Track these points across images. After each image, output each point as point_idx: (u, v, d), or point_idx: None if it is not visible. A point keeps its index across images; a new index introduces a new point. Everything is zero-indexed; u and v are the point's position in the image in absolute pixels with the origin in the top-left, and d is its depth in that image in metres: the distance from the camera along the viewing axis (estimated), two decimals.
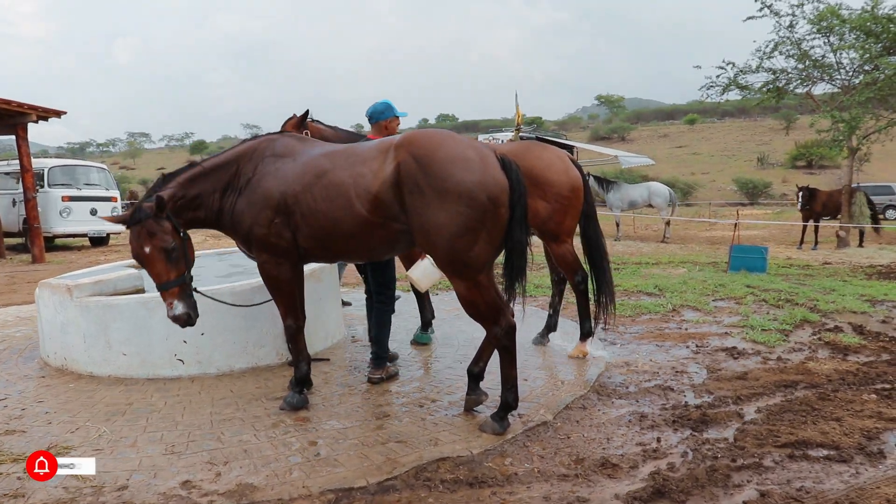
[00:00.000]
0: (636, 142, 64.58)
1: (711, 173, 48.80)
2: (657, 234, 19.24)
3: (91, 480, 3.75)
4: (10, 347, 6.65)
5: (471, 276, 4.05)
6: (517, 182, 4.07)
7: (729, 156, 53.57)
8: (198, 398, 5.00)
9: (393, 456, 3.95)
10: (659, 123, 75.89)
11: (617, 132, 68.37)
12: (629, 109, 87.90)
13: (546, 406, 4.72)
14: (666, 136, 65.65)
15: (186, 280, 4.33)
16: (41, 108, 13.32)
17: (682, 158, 54.76)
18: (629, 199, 18.18)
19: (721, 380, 5.43)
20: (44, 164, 16.30)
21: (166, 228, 4.23)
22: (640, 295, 9.19)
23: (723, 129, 64.11)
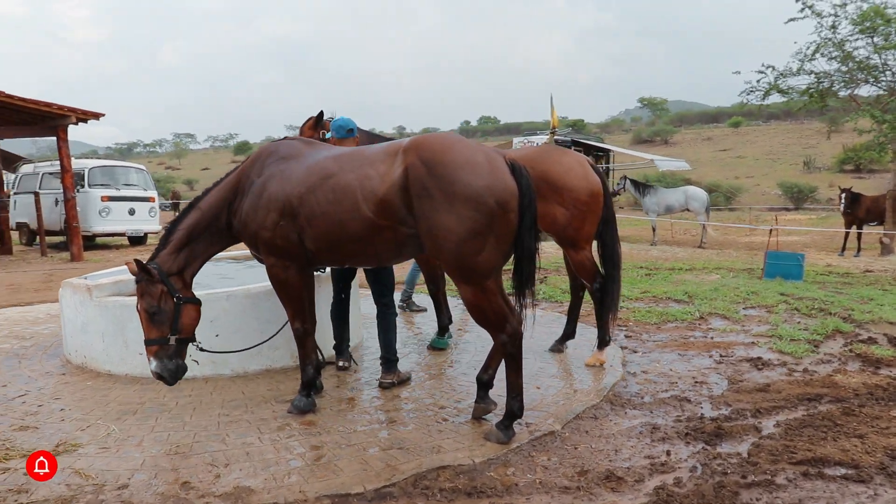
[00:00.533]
0: (679, 145, 63.57)
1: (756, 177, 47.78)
2: (695, 239, 18.89)
3: (94, 478, 3.78)
4: (37, 344, 6.78)
5: (478, 281, 3.99)
6: (527, 187, 4.01)
7: (774, 159, 52.38)
8: (208, 399, 5.03)
9: (393, 463, 3.91)
10: (703, 126, 74.57)
11: (660, 135, 67.38)
12: (672, 112, 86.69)
13: (555, 415, 4.63)
14: (710, 139, 64.48)
15: (166, 342, 4.38)
16: (80, 110, 13.63)
17: (725, 162, 53.72)
18: (666, 204, 17.87)
19: (741, 392, 5.28)
20: (84, 165, 16.67)
21: (155, 291, 4.38)
22: (669, 302, 9.01)
23: (768, 133, 62.74)
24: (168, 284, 4.40)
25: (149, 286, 4.38)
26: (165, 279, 4.41)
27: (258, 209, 4.45)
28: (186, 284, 4.55)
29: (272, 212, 4.40)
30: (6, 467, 3.96)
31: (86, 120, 13.88)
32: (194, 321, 4.53)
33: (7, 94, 12.71)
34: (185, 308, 4.46)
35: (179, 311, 4.42)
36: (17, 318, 8.08)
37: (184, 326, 4.45)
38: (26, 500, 3.59)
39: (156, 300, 4.37)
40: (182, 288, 4.49)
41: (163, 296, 4.39)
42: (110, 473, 3.84)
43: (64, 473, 3.85)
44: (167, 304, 4.40)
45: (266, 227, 4.43)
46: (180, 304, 4.43)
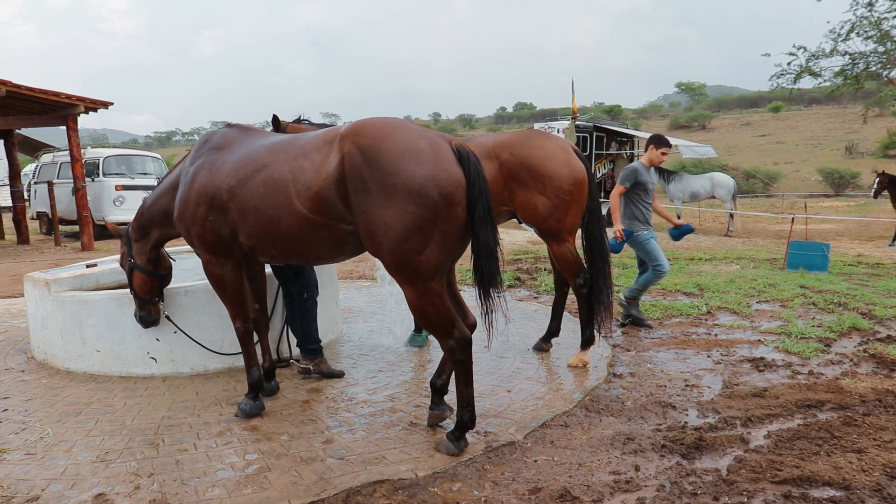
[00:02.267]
0: (717, 130, 62.07)
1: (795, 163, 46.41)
2: (723, 227, 18.22)
3: (5, 489, 3.53)
4: (8, 339, 6.60)
5: (421, 282, 3.60)
6: (476, 176, 3.60)
7: (815, 145, 50.79)
8: (159, 400, 4.76)
9: (328, 475, 3.59)
10: (742, 111, 72.69)
11: (697, 120, 65.91)
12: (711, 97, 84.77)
13: (519, 423, 4.25)
14: (748, 124, 62.78)
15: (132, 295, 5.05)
16: (89, 99, 13.53)
17: (764, 147, 52.27)
18: (691, 191, 17.20)
19: (734, 397, 4.84)
20: (99, 154, 16.62)
21: (123, 251, 5.02)
22: (678, 294, 8.53)
23: (809, 117, 60.86)
24: (128, 248, 4.88)
25: (122, 245, 4.99)
26: (128, 243, 4.88)
27: (188, 202, 4.17)
28: (146, 254, 4.85)
29: (201, 205, 4.11)
30: None
31: (95, 109, 13.78)
32: (142, 286, 4.93)
33: (16, 84, 12.64)
34: (135, 273, 4.90)
35: (131, 273, 4.92)
36: (1, 310, 7.94)
37: (135, 287, 4.95)
38: None
39: (121, 258, 5.05)
40: (141, 255, 4.85)
41: (124, 257, 4.98)
42: (25, 483, 3.59)
43: None
44: (125, 264, 4.97)
45: (196, 222, 4.15)
46: (132, 269, 4.89)
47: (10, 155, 16.58)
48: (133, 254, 4.83)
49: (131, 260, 4.84)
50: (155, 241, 4.79)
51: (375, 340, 6.23)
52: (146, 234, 4.79)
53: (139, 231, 4.81)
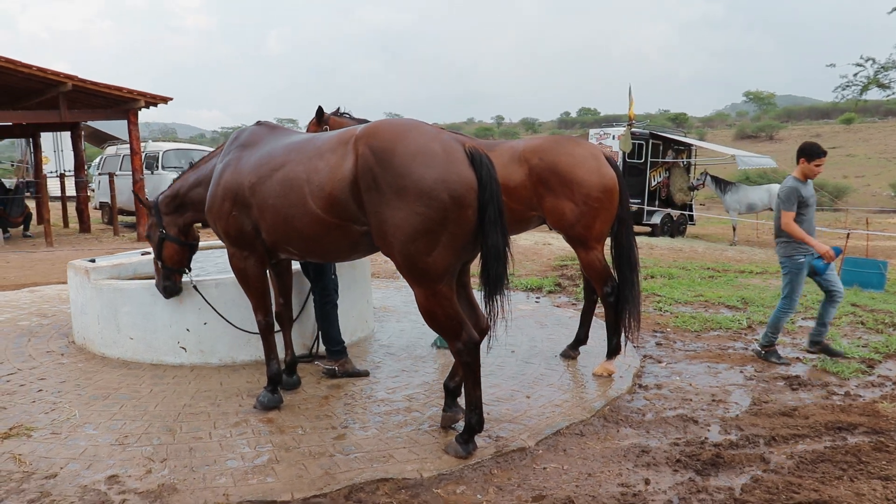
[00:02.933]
0: (785, 141, 60.26)
1: (867, 177, 44.80)
2: None
3: (27, 465, 3.68)
4: (54, 323, 6.85)
5: (429, 284, 3.60)
6: (488, 178, 3.58)
7: (888, 158, 48.85)
8: (183, 388, 4.88)
9: (333, 470, 3.62)
10: (811, 122, 70.44)
11: (765, 131, 64.12)
12: (780, 107, 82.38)
13: (532, 430, 4.21)
14: (818, 135, 60.64)
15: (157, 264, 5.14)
16: (149, 94, 14.00)
17: (834, 160, 50.47)
18: (747, 202, 16.75)
19: (761, 415, 4.69)
20: (160, 148, 17.12)
21: (151, 220, 5.11)
22: (721, 307, 8.31)
23: (884, 130, 58.54)
24: (158, 219, 4.99)
25: (149, 215, 5.10)
26: (158, 214, 4.98)
27: (215, 197, 4.30)
28: (178, 227, 4.98)
29: (226, 200, 4.23)
30: None
31: (155, 104, 14.22)
32: (173, 256, 5.05)
33: (81, 79, 13.15)
34: (167, 243, 5.01)
35: (162, 243, 5.02)
36: (52, 295, 8.25)
37: (165, 257, 5.06)
38: None
39: (148, 228, 5.14)
40: (172, 227, 4.97)
41: (153, 226, 5.06)
42: (46, 461, 3.73)
43: (1, 458, 3.77)
44: (154, 234, 5.05)
45: (222, 216, 4.27)
46: (163, 239, 4.99)
47: (75, 146, 17.21)
48: (164, 225, 4.95)
49: (162, 230, 4.95)
50: (187, 220, 4.97)
51: (405, 340, 6.25)
52: (179, 211, 4.94)
53: (172, 206, 4.94)
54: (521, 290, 9.09)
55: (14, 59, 12.60)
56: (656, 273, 10.82)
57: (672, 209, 18.23)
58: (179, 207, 4.92)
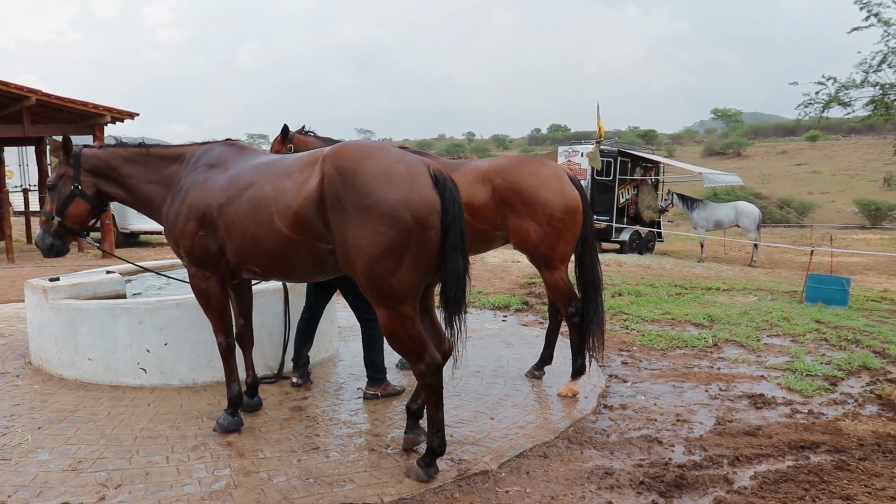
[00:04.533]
0: (752, 158, 61.27)
1: (831, 193, 45.61)
2: (749, 256, 17.92)
3: None
4: (10, 343, 6.69)
5: (392, 304, 3.58)
6: (451, 201, 3.58)
7: (852, 175, 49.86)
8: (142, 411, 4.77)
9: (292, 496, 3.55)
10: (778, 139, 71.69)
11: (732, 147, 65.13)
12: (747, 124, 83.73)
13: (496, 452, 4.17)
14: (784, 152, 61.80)
15: (50, 219, 4.60)
16: (115, 109, 13.86)
17: (800, 177, 51.46)
18: (715, 219, 16.96)
19: (725, 434, 4.71)
20: None
21: (62, 171, 4.56)
22: (687, 325, 8.37)
23: (847, 147, 59.78)
24: (76, 172, 4.53)
25: (61, 164, 4.58)
26: (77, 167, 4.53)
27: (179, 216, 4.23)
28: (96, 191, 4.59)
29: (191, 220, 4.16)
30: None
31: (121, 119, 14.07)
32: (81, 216, 4.63)
33: (46, 94, 12.96)
34: (77, 200, 4.56)
35: (71, 199, 4.55)
36: (10, 313, 8.07)
37: (69, 214, 4.59)
38: None
39: (57, 178, 4.58)
40: (90, 187, 4.56)
41: (65, 178, 4.57)
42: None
43: None
44: (65, 186, 4.56)
45: (186, 236, 4.19)
46: (74, 194, 4.54)
47: (39, 161, 16.93)
48: (80, 179, 4.53)
49: (77, 186, 4.51)
50: (111, 194, 4.63)
51: None
52: (103, 179, 4.57)
53: (98, 171, 4.55)
54: (488, 309, 9.08)
55: None
56: (624, 290, 10.87)
57: (640, 226, 18.39)
58: (107, 178, 4.56)
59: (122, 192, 4.59)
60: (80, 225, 4.68)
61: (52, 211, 4.58)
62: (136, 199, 4.59)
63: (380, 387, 5.18)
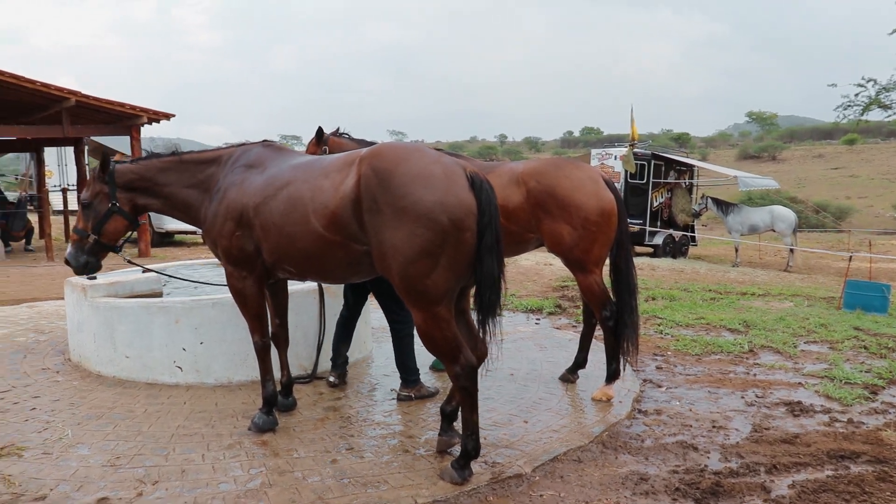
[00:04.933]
0: (787, 161, 60.34)
1: (869, 198, 44.73)
2: (784, 261, 17.65)
3: (17, 486, 3.63)
4: (51, 339, 6.82)
5: (427, 306, 3.59)
6: (487, 203, 3.57)
7: (892, 179, 48.77)
8: (178, 409, 4.83)
9: (326, 496, 3.57)
10: (814, 143, 70.55)
11: (767, 151, 64.19)
12: (783, 127, 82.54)
13: (529, 455, 4.15)
14: (821, 156, 60.80)
15: (85, 237, 4.55)
16: (152, 110, 14.09)
17: (837, 181, 50.54)
18: (750, 223, 16.73)
19: (762, 442, 4.64)
20: None
21: (98, 188, 4.52)
22: (722, 330, 8.26)
23: (887, 151, 58.56)
24: (111, 189, 4.50)
25: (95, 181, 4.54)
26: (112, 184, 4.51)
27: (217, 216, 4.27)
28: (133, 205, 4.60)
29: (229, 220, 4.20)
30: None
31: (157, 120, 14.29)
32: (118, 232, 4.64)
33: (85, 95, 13.21)
34: (115, 216, 4.55)
35: (109, 216, 4.54)
36: (50, 310, 8.22)
37: (106, 231, 4.57)
38: None
39: (93, 196, 4.54)
40: (126, 203, 4.56)
41: (101, 195, 4.53)
42: (36, 482, 3.69)
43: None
44: (102, 204, 4.53)
45: (223, 236, 4.23)
46: (112, 212, 4.53)
47: (78, 161, 17.24)
48: (117, 197, 4.51)
49: (115, 203, 4.50)
50: (148, 206, 4.64)
51: None
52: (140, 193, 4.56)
53: (134, 185, 4.54)
54: (521, 312, 9.05)
55: (19, 75, 12.67)
56: (657, 295, 10.77)
57: (674, 230, 18.20)
58: (143, 191, 4.55)
59: (159, 201, 4.59)
60: (116, 241, 4.69)
61: (87, 229, 4.55)
62: (173, 206, 4.60)
63: (413, 388, 5.18)
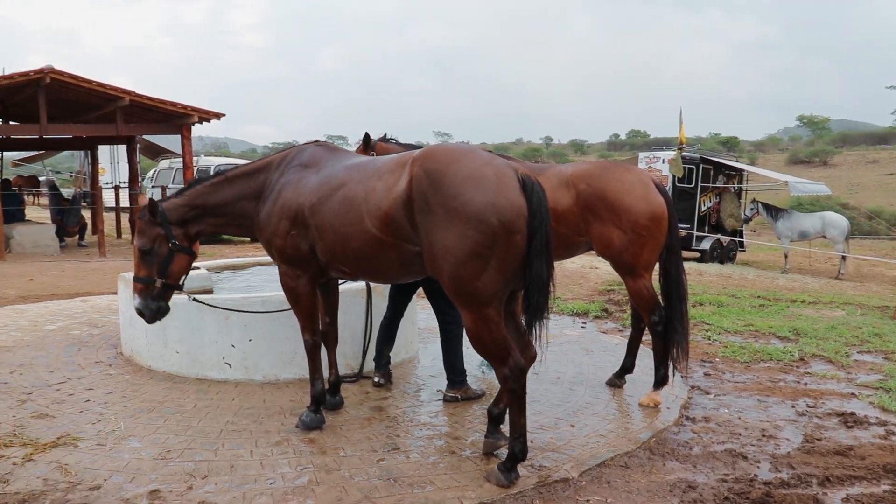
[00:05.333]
0: (839, 167, 58.88)
1: None
2: (835, 268, 17.24)
3: (72, 476, 3.74)
4: (104, 333, 6.99)
5: (477, 307, 3.59)
6: (538, 206, 3.56)
7: None
8: (227, 404, 4.91)
9: (373, 495, 3.59)
10: (868, 148, 68.65)
11: (818, 156, 62.66)
12: (835, 131, 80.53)
13: (576, 460, 4.12)
14: (875, 161, 59.11)
15: (152, 283, 4.49)
16: (203, 110, 14.39)
17: (892, 187, 49.11)
18: (800, 229, 16.38)
19: (814, 453, 4.52)
20: (212, 162, 17.52)
21: (153, 232, 4.46)
22: (771, 338, 8.09)
23: None
24: (167, 229, 4.45)
25: (148, 226, 4.46)
26: (166, 224, 4.46)
27: (272, 215, 4.31)
28: (188, 237, 4.56)
29: (284, 220, 4.24)
30: (2, 454, 4.02)
31: (208, 119, 14.57)
32: (183, 269, 4.62)
33: (138, 94, 13.53)
34: (178, 255, 4.51)
35: (172, 257, 4.49)
36: (103, 305, 8.43)
37: (172, 272, 4.53)
38: (1, 489, 3.58)
39: (151, 241, 4.46)
40: (184, 238, 4.53)
41: (158, 238, 4.47)
42: (90, 472, 3.79)
43: (49, 467, 3.85)
44: (161, 247, 4.47)
45: (278, 235, 4.28)
46: (174, 251, 4.48)
47: (130, 159, 17.68)
48: (175, 235, 4.47)
49: (174, 242, 4.45)
50: (201, 229, 4.60)
51: None
52: (194, 221, 4.54)
53: (187, 216, 4.51)
54: (567, 315, 8.99)
55: (77, 75, 13.04)
56: (705, 300, 10.60)
57: (722, 235, 17.91)
58: (195, 219, 4.54)
59: (214, 223, 4.60)
60: (181, 278, 4.65)
61: (151, 275, 4.48)
62: (228, 223, 4.63)
63: (460, 389, 5.19)
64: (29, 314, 7.95)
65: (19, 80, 13.00)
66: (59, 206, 16.52)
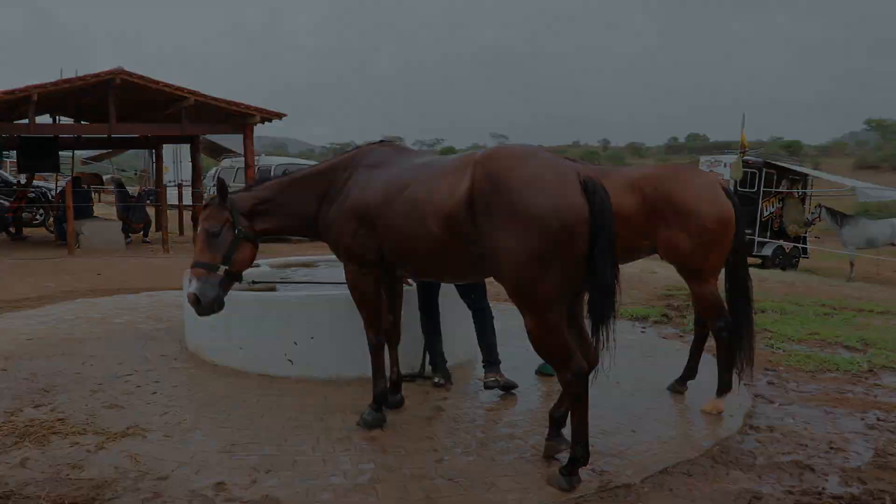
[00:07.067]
0: None
1: None
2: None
3: (142, 465, 3.85)
4: (169, 327, 7.18)
5: (539, 311, 3.58)
6: (601, 209, 3.52)
7: None
8: (288, 401, 4.99)
9: (435, 495, 3.61)
10: None
11: (888, 161, 60.69)
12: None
13: (638, 466, 4.07)
14: None
15: (215, 269, 4.38)
16: (265, 110, 14.67)
17: None
18: (867, 236, 15.86)
19: (886, 468, 4.37)
20: (272, 162, 17.83)
21: (221, 216, 4.42)
22: (837, 347, 7.84)
23: None
24: (234, 216, 4.43)
25: (217, 211, 4.44)
26: (235, 212, 4.44)
27: (340, 215, 4.35)
28: (254, 231, 4.54)
29: (352, 220, 4.28)
30: (77, 441, 4.17)
31: (269, 119, 14.84)
32: (246, 259, 4.55)
33: (202, 94, 13.87)
34: (243, 244, 4.46)
35: (237, 243, 4.42)
36: (168, 300, 8.64)
37: (236, 260, 4.45)
38: (76, 475, 3.72)
39: (219, 224, 4.41)
40: (248, 229, 4.49)
41: (226, 224, 4.42)
42: (159, 462, 3.89)
43: (120, 456, 3.97)
44: (228, 233, 4.41)
45: (346, 234, 4.32)
46: (240, 238, 4.43)
47: (193, 158, 18.11)
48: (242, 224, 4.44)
49: (240, 229, 4.41)
50: (268, 227, 4.59)
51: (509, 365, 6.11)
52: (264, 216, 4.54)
53: (257, 210, 4.52)
54: (627, 319, 8.87)
55: (145, 76, 13.44)
56: (767, 307, 10.34)
57: (785, 241, 17.47)
58: (263, 214, 4.54)
59: (279, 221, 4.60)
60: (244, 270, 4.62)
61: (214, 260, 4.38)
62: (293, 224, 4.64)
63: (497, 372, 5.22)
64: (98, 307, 8.23)
65: (92, 81, 13.50)
66: (126, 204, 17.02)
